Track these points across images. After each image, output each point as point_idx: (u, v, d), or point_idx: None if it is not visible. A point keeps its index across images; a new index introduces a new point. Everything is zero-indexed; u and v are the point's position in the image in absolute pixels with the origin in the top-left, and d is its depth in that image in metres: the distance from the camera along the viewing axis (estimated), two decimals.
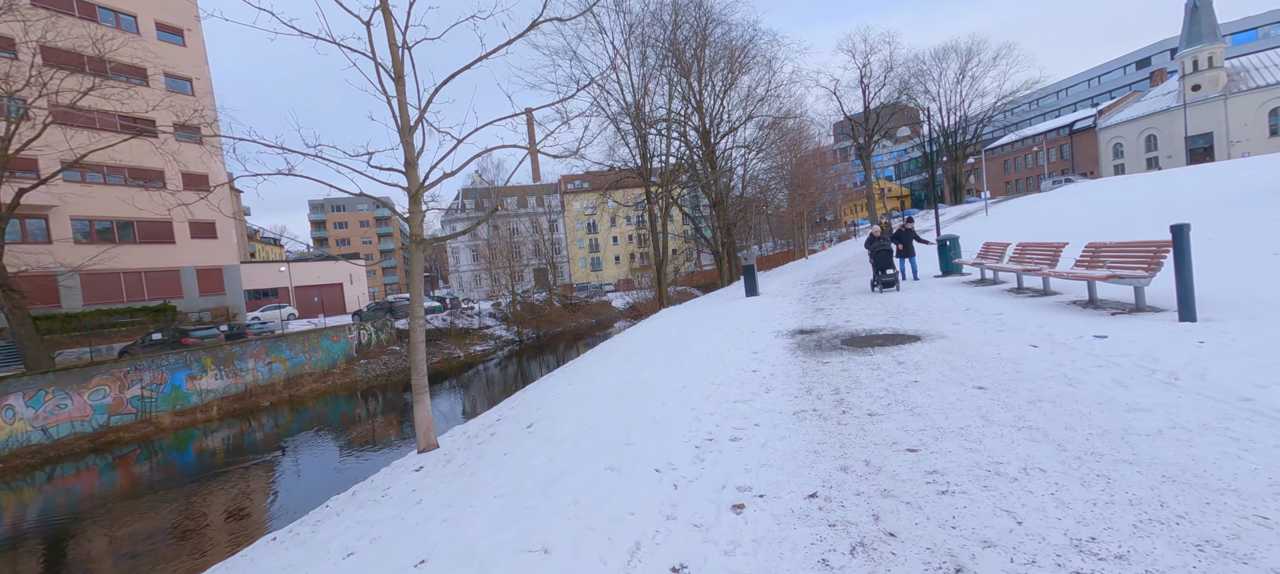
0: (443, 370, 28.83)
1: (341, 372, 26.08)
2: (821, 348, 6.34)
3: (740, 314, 10.45)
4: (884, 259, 10.82)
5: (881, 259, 10.84)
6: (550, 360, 30.03)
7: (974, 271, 12.02)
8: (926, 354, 5.28)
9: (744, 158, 26.76)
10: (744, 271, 14.20)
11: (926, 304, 8.50)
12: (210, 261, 34.23)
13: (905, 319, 7.46)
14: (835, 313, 9.02)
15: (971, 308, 7.53)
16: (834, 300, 10.98)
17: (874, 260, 10.90)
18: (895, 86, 46.70)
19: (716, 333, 8.24)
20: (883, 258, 10.83)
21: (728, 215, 26.68)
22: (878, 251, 10.84)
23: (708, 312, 11.88)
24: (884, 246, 10.80)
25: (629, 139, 20.58)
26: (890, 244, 10.89)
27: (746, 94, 23.86)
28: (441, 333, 32.75)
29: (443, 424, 13.36)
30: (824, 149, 39.57)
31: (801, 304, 11.04)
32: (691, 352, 6.78)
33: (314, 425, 20.34)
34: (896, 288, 10.73)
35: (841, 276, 16.35)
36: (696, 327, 9.29)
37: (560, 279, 74.99)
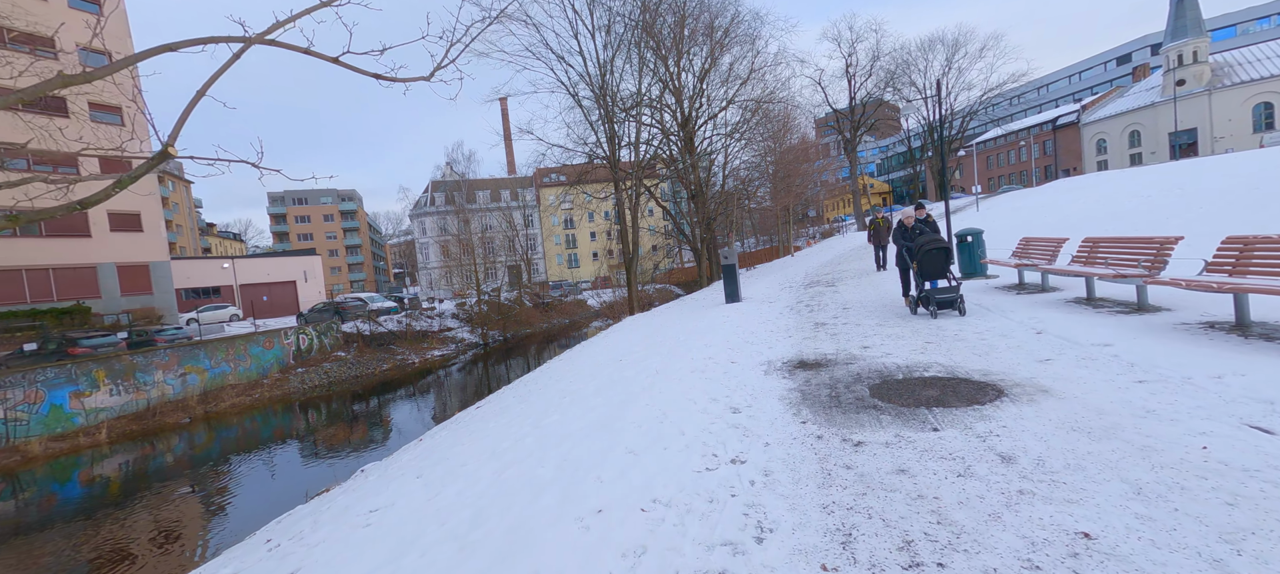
0: (394, 379, 26.02)
1: (273, 383, 23.08)
2: (841, 404, 3.98)
3: (717, 330, 8.07)
4: (935, 263, 6.90)
5: (931, 263, 6.91)
6: (514, 367, 27.43)
7: (1002, 274, 9.86)
8: (1036, 430, 2.97)
9: (726, 145, 24.49)
10: (724, 272, 11.86)
11: (972, 323, 6.24)
12: (134, 257, 30.75)
13: (955, 348, 5.16)
14: (846, 334, 6.70)
15: (1046, 330, 5.27)
16: (835, 311, 8.68)
17: (919, 264, 7.00)
18: (882, 77, 44.93)
19: (682, 363, 5.84)
20: (933, 261, 6.90)
21: (708, 209, 24.40)
22: (926, 252, 6.90)
23: (678, 324, 9.49)
24: (936, 243, 6.92)
25: (594, 122, 18.08)
26: (948, 242, 7.23)
27: (728, 73, 21.54)
28: (395, 337, 29.83)
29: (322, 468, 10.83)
30: (809, 141, 37.63)
31: (795, 316, 8.71)
32: (637, 406, 4.37)
33: (239, 445, 17.51)
34: (958, 311, 6.80)
35: (836, 278, 14.12)
36: (657, 351, 6.90)
37: (535, 276, 72.13)
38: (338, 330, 28.14)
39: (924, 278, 6.96)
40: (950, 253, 6.90)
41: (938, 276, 6.91)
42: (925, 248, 6.91)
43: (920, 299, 7.14)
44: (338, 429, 18.52)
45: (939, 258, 6.88)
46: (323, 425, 19.24)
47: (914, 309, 7.33)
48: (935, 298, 6.84)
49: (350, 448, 16.41)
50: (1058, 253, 7.31)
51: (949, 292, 6.82)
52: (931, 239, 6.99)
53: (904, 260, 7.37)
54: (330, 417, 20.43)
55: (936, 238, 7.04)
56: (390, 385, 25.04)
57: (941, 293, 6.83)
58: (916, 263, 6.99)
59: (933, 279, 6.93)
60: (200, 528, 11.35)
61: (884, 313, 7.81)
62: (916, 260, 6.99)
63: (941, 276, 6.91)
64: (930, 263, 6.90)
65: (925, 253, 6.90)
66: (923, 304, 7.13)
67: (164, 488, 14.11)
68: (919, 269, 6.97)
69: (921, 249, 6.93)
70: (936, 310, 6.86)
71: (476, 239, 57.45)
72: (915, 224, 7.51)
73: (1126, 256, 5.65)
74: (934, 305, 6.86)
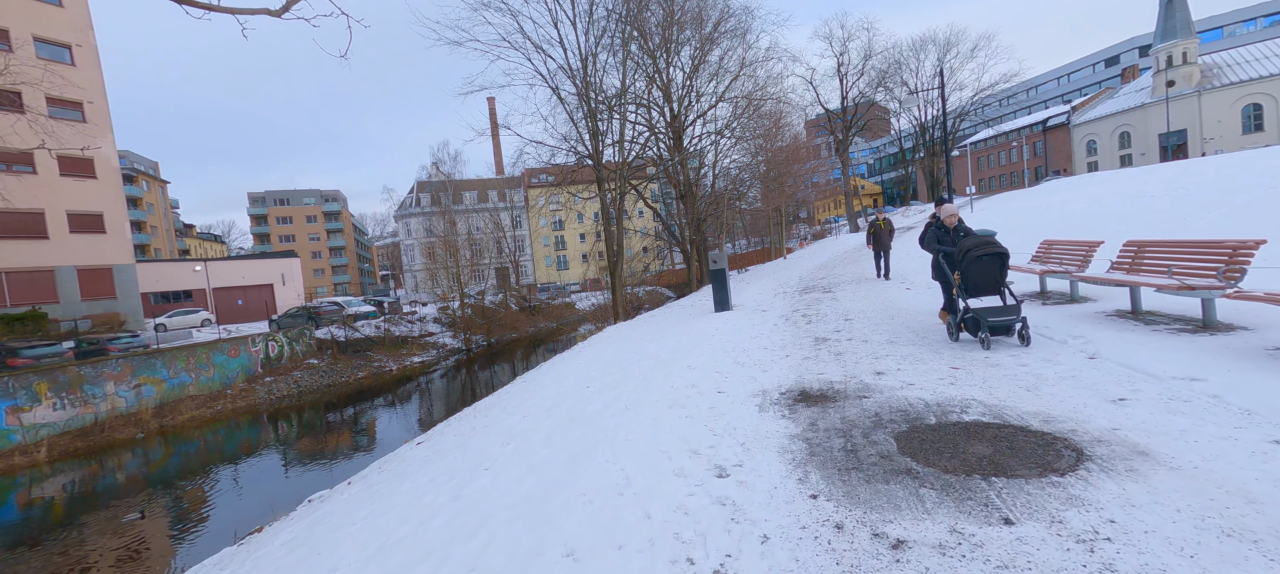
0: (369, 388, 24.79)
1: (238, 393, 21.77)
2: (861, 464, 3.00)
3: (704, 345, 7.08)
4: (985, 274, 5.25)
5: (980, 274, 5.25)
6: (496, 374, 26.29)
7: (1018, 280, 8.96)
8: (1166, 532, 2.03)
9: (715, 143, 23.55)
10: (712, 278, 10.88)
11: (1006, 342, 5.29)
12: (96, 260, 29.24)
13: (992, 378, 4.20)
14: (853, 353, 5.73)
15: (1100, 354, 4.34)
16: (836, 323, 7.73)
17: (964, 275, 5.31)
18: (873, 77, 44.36)
19: (659, 392, 4.83)
20: (983, 272, 5.25)
21: (697, 209, 23.45)
22: (974, 259, 5.25)
23: (661, 337, 8.48)
24: (987, 247, 5.25)
25: (576, 117, 16.99)
26: (1002, 249, 5.29)
27: (717, 67, 20.61)
28: (372, 343, 28.55)
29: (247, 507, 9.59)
30: (800, 141, 36.84)
31: (792, 328, 7.74)
32: (593, 464, 3.35)
33: (196, 463, 16.29)
34: (1020, 340, 5.11)
35: (832, 283, 13.20)
36: (633, 374, 5.87)
37: (523, 279, 70.88)
38: (310, 337, 26.83)
39: (970, 293, 5.30)
40: (1006, 260, 5.23)
41: (989, 292, 5.27)
42: (973, 253, 5.22)
43: (964, 322, 5.45)
44: (302, 444, 17.32)
45: (991, 267, 5.20)
46: (287, 440, 18.03)
47: (955, 334, 5.62)
48: (988, 321, 5.11)
49: (313, 463, 15.25)
50: (1090, 258, 6.40)
51: (1007, 313, 5.09)
52: (980, 242, 5.29)
53: (944, 271, 5.70)
54: (297, 430, 19.20)
55: (988, 241, 5.30)
56: (365, 394, 23.81)
57: (997, 315, 5.11)
58: (959, 272, 5.31)
59: (982, 294, 5.31)
60: (133, 564, 10.16)
61: (893, 326, 6.86)
62: (959, 269, 5.31)
63: (993, 292, 5.27)
64: (979, 274, 5.22)
65: (973, 260, 5.21)
66: (967, 328, 5.45)
67: (108, 510, 12.90)
68: (963, 282, 5.30)
69: (966, 254, 5.26)
70: (989, 339, 5.13)
71: (463, 241, 56.24)
72: (963, 228, 5.87)
73: (1190, 263, 4.73)
74: (985, 332, 5.11)
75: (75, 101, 29.06)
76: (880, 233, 11.80)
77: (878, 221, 11.85)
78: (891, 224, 12.01)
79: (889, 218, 12.57)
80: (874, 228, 11.94)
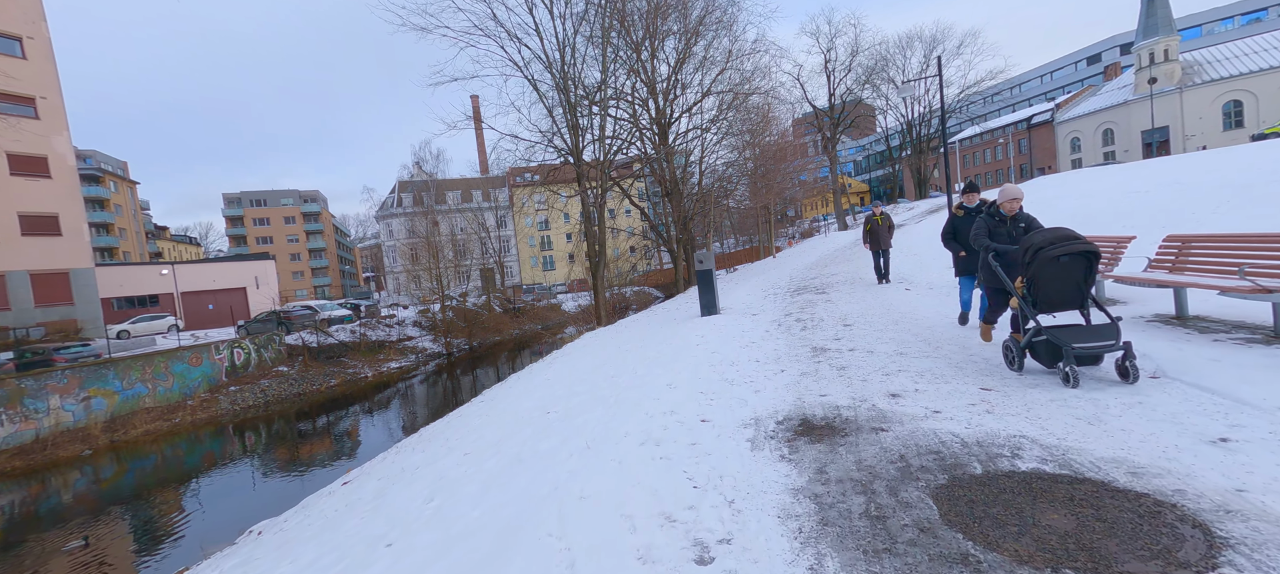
0: (342, 396, 23.60)
1: (199, 404, 20.50)
2: (893, 542, 2.21)
3: (688, 356, 6.25)
4: (1066, 282, 3.71)
5: (1058, 281, 3.72)
6: (478, 379, 25.28)
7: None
8: None
9: (702, 139, 22.78)
10: (698, 280, 10.07)
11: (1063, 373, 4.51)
12: (51, 264, 27.69)
13: (1038, 404, 3.42)
14: (858, 368, 4.95)
15: (1163, 373, 3.57)
16: (834, 329, 6.95)
17: (1035, 283, 3.80)
18: (861, 74, 43.98)
19: (631, 423, 3.98)
20: (1062, 278, 3.70)
21: (684, 207, 22.67)
22: (1052, 261, 3.67)
23: (641, 346, 7.64)
24: (1071, 245, 3.64)
25: (554, 110, 16.05)
26: (1091, 246, 3.66)
27: (703, 59, 19.83)
28: (347, 348, 27.34)
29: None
30: (788, 140, 36.19)
31: (786, 336, 6.95)
32: (529, 539, 2.51)
33: (156, 479, 15.14)
34: (1126, 376, 3.57)
35: (826, 284, 12.46)
36: (603, 394, 4.98)
37: (509, 280, 69.68)
38: (280, 343, 25.55)
39: (1042, 306, 3.77)
40: (1096, 261, 3.65)
41: (1068, 305, 3.73)
42: (1048, 251, 3.62)
43: (1030, 348, 3.92)
44: (265, 458, 16.21)
45: (1075, 271, 3.63)
46: (250, 453, 16.89)
47: (1017, 362, 4.06)
48: (1074, 348, 3.55)
49: (274, 478, 14.20)
50: (1120, 255, 5.67)
51: (1100, 336, 3.54)
52: (1057, 235, 3.68)
53: (998, 275, 4.23)
54: (263, 442, 18.05)
55: (1069, 235, 3.67)
56: (337, 403, 22.64)
57: (1087, 339, 3.55)
58: (1027, 278, 3.79)
59: (1058, 308, 3.76)
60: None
61: (899, 335, 6.09)
62: (1029, 274, 3.76)
63: (1073, 305, 3.73)
64: (1057, 280, 3.66)
65: (1047, 262, 3.63)
66: (1037, 356, 3.93)
67: (49, 537, 11.74)
68: (1032, 291, 3.79)
69: (1037, 253, 3.67)
70: (1076, 374, 3.57)
71: (445, 241, 54.96)
72: (1023, 218, 4.47)
73: (1255, 260, 4.00)
74: (1070, 362, 3.57)
75: (26, 97, 27.48)
76: (878, 230, 10.56)
77: (875, 217, 10.60)
78: (890, 219, 10.73)
79: (887, 212, 11.29)
80: (870, 224, 10.69)
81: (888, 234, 10.54)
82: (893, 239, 10.52)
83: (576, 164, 15.79)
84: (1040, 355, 3.96)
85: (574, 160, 15.90)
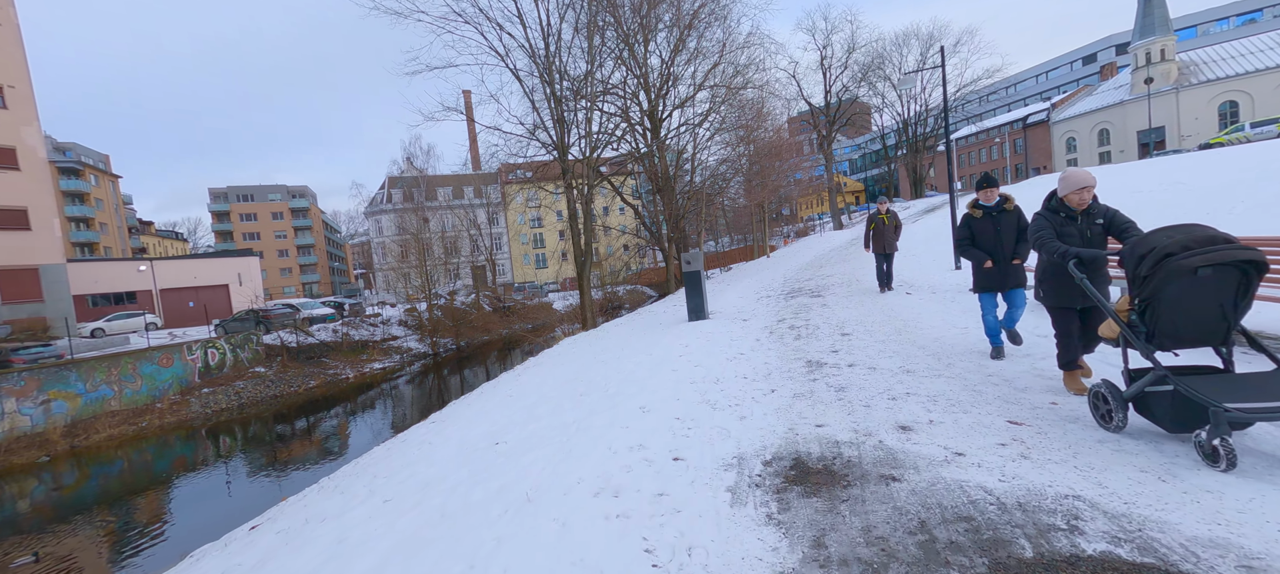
0: (321, 398, 22.82)
1: (169, 407, 19.65)
2: None
3: (668, 370, 5.58)
4: (1204, 303, 2.57)
5: (1192, 305, 2.58)
6: (466, 380, 24.55)
7: None
8: None
9: (694, 135, 22.09)
10: (686, 282, 9.39)
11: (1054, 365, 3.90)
12: (19, 260, 26.70)
13: (1092, 453, 2.77)
14: (859, 388, 4.31)
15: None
16: (831, 338, 6.30)
17: (1159, 308, 2.63)
18: (857, 71, 43.47)
19: (584, 467, 3.28)
20: (1198, 298, 2.56)
21: (676, 204, 21.98)
22: (1188, 276, 2.52)
23: (616, 361, 6.94)
24: (1234, 254, 2.48)
25: (538, 102, 15.28)
26: (1255, 254, 2.48)
27: (695, 51, 19.14)
28: (328, 348, 26.50)
29: None
30: (784, 139, 35.50)
31: (779, 346, 6.30)
32: None
33: (120, 487, 14.35)
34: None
35: (821, 286, 11.83)
36: (559, 425, 4.24)
37: (501, 278, 68.84)
38: (257, 342, 24.68)
39: (1161, 340, 2.68)
40: (1258, 276, 2.54)
41: (1209, 341, 2.69)
42: (1182, 259, 2.53)
43: (1141, 400, 2.80)
44: (233, 465, 15.44)
45: (1223, 290, 2.56)
46: (223, 458, 16.10)
47: (1116, 417, 2.87)
48: (1230, 410, 2.32)
49: (243, 484, 13.47)
50: None
51: (1270, 392, 2.38)
52: (1192, 238, 2.57)
53: (1090, 294, 3.13)
54: (234, 447, 17.26)
55: (1216, 241, 2.57)
56: (316, 405, 21.85)
57: (1247, 395, 2.38)
58: (1140, 298, 2.69)
59: (1188, 343, 2.68)
60: None
61: (903, 347, 5.45)
62: (1146, 292, 2.65)
63: (1217, 342, 2.69)
64: (1193, 303, 2.59)
65: (1183, 278, 2.55)
66: (1151, 413, 2.77)
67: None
68: (1150, 319, 2.68)
69: (1160, 259, 2.59)
70: (1229, 449, 2.34)
71: (435, 238, 54.09)
72: (1094, 206, 3.41)
73: None
74: (1222, 432, 2.35)
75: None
76: (883, 230, 9.28)
77: (880, 215, 9.32)
78: (897, 218, 9.43)
79: (894, 210, 9.72)
80: (875, 223, 9.38)
81: (894, 235, 9.38)
82: (898, 241, 9.69)
83: (561, 159, 15.05)
84: (1158, 413, 2.71)
85: (559, 155, 15.17)
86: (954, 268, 10.33)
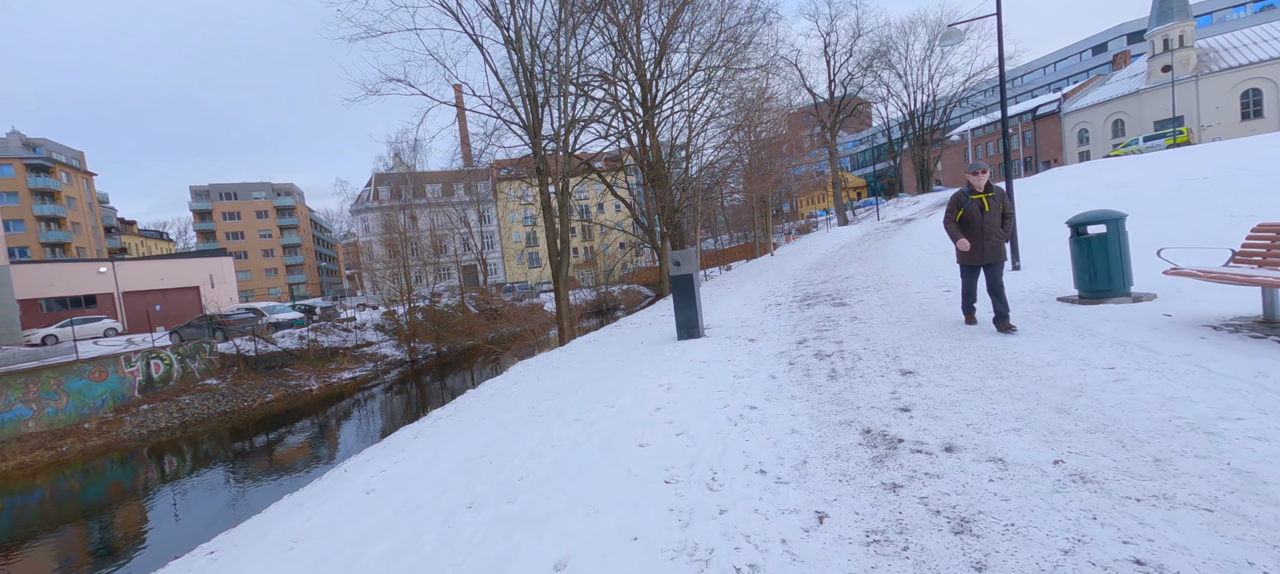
0: (279, 412, 20.58)
1: (97, 428, 17.43)
2: None
3: (624, 470, 3.36)
4: None
5: None
6: (448, 388, 22.37)
7: (1176, 291, 5.51)
8: None
9: (689, 120, 19.88)
10: (674, 289, 7.19)
11: None
12: None
13: None
14: (974, 498, 2.04)
15: None
16: (889, 378, 4.13)
17: None
18: (862, 59, 41.27)
19: None
20: None
21: (670, 197, 19.77)
22: None
23: (561, 414, 4.73)
24: None
25: (505, 76, 13.07)
26: None
27: (690, 25, 16.93)
28: (292, 357, 24.28)
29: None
30: (786, 114, 33.20)
31: (809, 394, 4.12)
32: None
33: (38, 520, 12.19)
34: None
35: (843, 289, 9.64)
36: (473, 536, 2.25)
37: (493, 277, 66.65)
38: (210, 352, 22.45)
39: None
40: None
41: None
42: None
43: None
44: (162, 495, 13.25)
45: None
46: (147, 490, 13.87)
47: None
48: None
49: (166, 518, 11.27)
50: None
51: None
52: None
53: None
54: (168, 472, 15.03)
55: None
56: (273, 421, 19.63)
57: None
58: None
59: None
60: None
61: (1025, 402, 3.25)
62: None
63: None
64: None
65: None
66: None
67: None
68: None
69: None
70: None
71: (424, 237, 51.87)
72: None
73: None
74: None
75: None
76: (983, 219, 5.20)
77: (976, 197, 5.23)
78: (1005, 200, 5.31)
79: (1001, 190, 5.30)
80: (963, 209, 5.30)
81: (1002, 231, 5.22)
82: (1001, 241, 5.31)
83: (534, 143, 12.82)
84: None
85: (531, 139, 12.94)
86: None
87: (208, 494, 13.28)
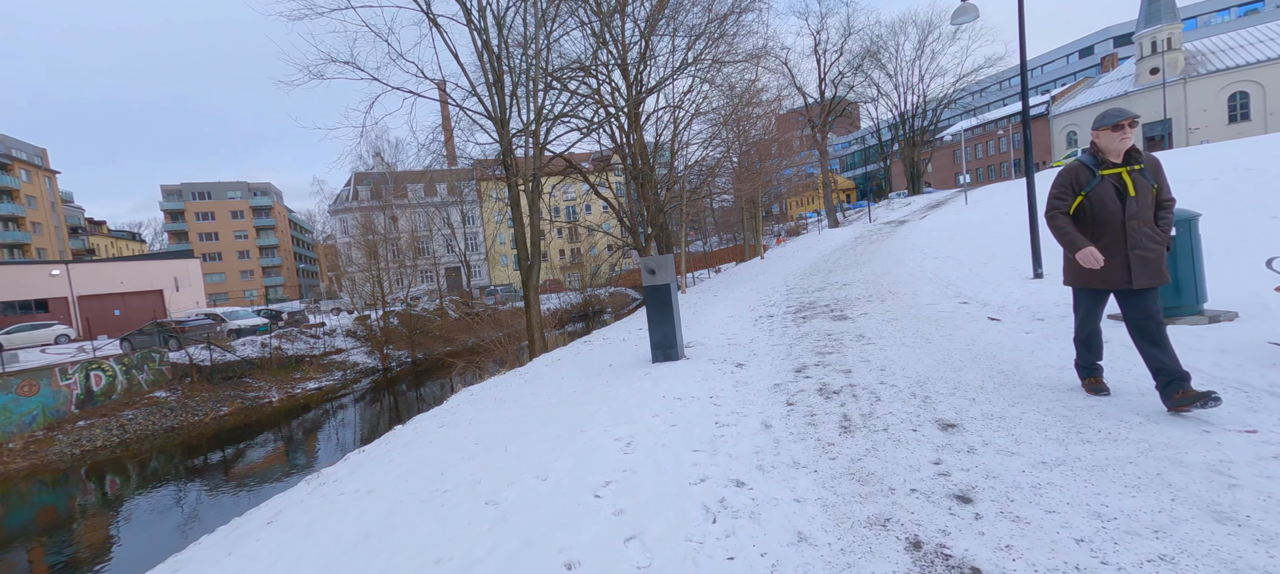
0: (234, 427, 19.04)
1: (22, 448, 15.82)
2: None
3: (587, 522, 2.17)
4: None
5: None
6: (411, 402, 21.01)
7: (1258, 312, 4.46)
8: None
9: (674, 116, 18.77)
10: (649, 301, 6.02)
11: None
12: None
13: None
14: None
15: None
16: (918, 423, 2.98)
17: None
18: (853, 58, 40.53)
19: None
20: None
21: (655, 197, 18.64)
22: None
23: (491, 480, 3.59)
24: None
25: (467, 62, 11.81)
26: None
27: (675, 9, 15.83)
28: (251, 366, 22.71)
29: None
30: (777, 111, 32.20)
31: (817, 460, 2.98)
32: None
33: None
34: None
35: (841, 298, 8.55)
36: None
37: (478, 279, 65.09)
38: (160, 363, 20.83)
39: None
40: None
41: None
42: None
43: None
44: (76, 534, 11.74)
45: None
46: (69, 519, 12.35)
47: None
48: None
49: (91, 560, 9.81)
50: None
51: None
52: None
53: None
54: (101, 498, 13.50)
55: None
56: (225, 437, 18.09)
57: None
58: None
59: None
60: None
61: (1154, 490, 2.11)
62: None
63: None
64: None
65: None
66: None
67: None
68: None
69: None
70: None
71: (405, 238, 50.27)
72: None
73: None
74: None
75: None
76: (1124, 211, 3.01)
77: (1117, 170, 3.05)
78: (1164, 180, 3.08)
79: (1156, 159, 3.20)
80: (1084, 195, 3.14)
81: (1157, 228, 3.03)
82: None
83: (501, 133, 11.59)
84: None
85: (498, 129, 11.71)
86: None
87: (156, 516, 11.84)
